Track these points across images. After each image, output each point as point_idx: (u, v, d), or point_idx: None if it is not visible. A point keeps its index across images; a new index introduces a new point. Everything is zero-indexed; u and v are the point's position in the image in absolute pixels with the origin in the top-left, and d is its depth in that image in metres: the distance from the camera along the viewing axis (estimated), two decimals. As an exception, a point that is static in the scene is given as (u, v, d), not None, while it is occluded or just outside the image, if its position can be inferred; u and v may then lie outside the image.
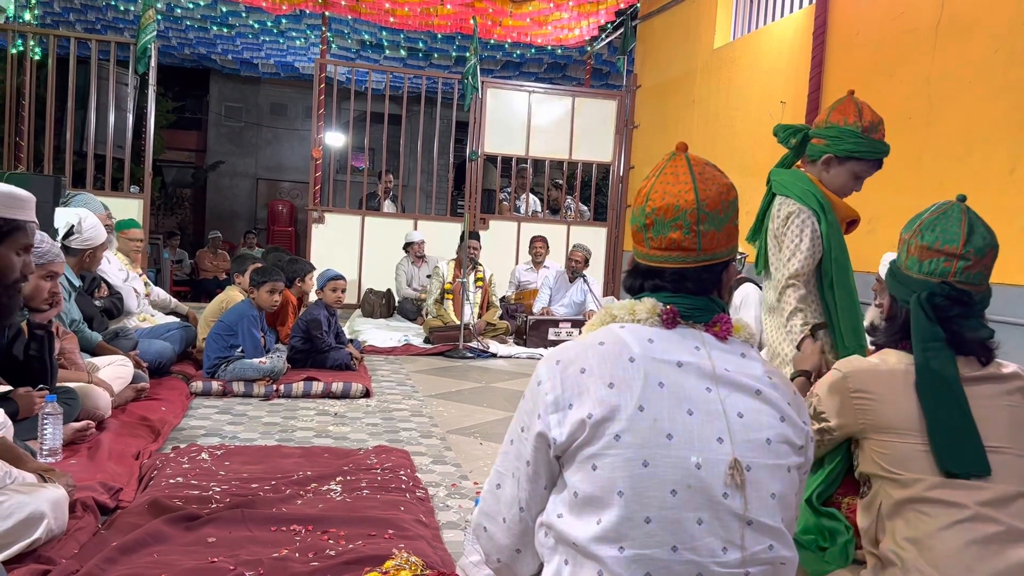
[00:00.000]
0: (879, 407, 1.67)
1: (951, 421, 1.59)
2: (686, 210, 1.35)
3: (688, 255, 1.37)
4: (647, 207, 1.38)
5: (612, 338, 1.34)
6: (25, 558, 2.11)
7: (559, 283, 7.57)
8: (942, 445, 1.58)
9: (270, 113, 17.70)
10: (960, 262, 1.67)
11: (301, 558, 2.24)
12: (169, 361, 4.69)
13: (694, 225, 1.35)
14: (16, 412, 2.84)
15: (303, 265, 5.89)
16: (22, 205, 2.17)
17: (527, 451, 1.35)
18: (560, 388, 1.31)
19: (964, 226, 1.67)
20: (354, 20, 9.92)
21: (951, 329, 1.66)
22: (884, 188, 5.07)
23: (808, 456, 1.37)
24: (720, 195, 1.37)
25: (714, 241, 1.37)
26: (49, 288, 2.77)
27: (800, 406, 1.37)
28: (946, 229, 1.68)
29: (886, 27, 5.27)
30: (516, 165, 9.31)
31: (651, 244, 1.39)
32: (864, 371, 1.71)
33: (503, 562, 1.44)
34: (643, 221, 1.39)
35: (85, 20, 10.99)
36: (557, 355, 1.36)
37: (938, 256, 1.68)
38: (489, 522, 1.43)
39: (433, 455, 3.52)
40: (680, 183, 1.37)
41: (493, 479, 1.43)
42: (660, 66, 8.76)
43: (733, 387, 1.31)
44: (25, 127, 7.83)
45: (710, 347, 1.35)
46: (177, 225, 16.61)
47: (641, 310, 1.37)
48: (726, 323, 1.37)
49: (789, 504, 1.32)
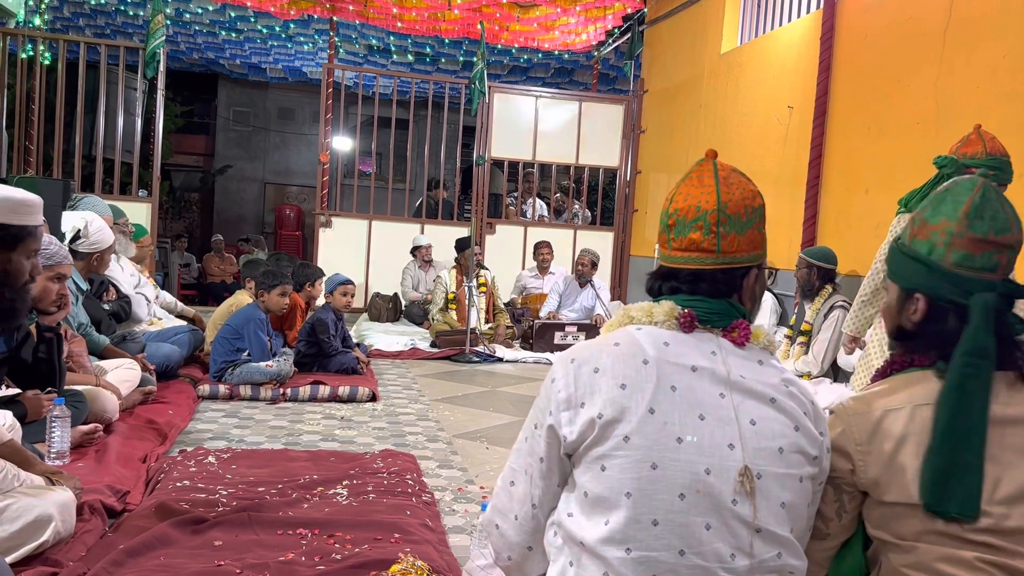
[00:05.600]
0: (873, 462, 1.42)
1: (956, 453, 1.35)
2: (707, 211, 1.36)
3: (707, 256, 1.37)
4: (670, 208, 1.41)
5: (628, 339, 1.34)
6: (32, 560, 2.12)
7: (569, 288, 7.55)
8: (933, 473, 1.35)
9: (278, 118, 17.77)
10: (1010, 252, 1.41)
11: (307, 562, 2.24)
12: (176, 364, 4.70)
13: (714, 226, 1.35)
14: (24, 415, 2.85)
15: (314, 270, 5.92)
16: (30, 210, 2.18)
17: (540, 448, 1.36)
18: (573, 386, 1.32)
19: (1007, 208, 1.42)
20: (362, 25, 9.96)
21: (1001, 336, 1.39)
22: (891, 193, 5.06)
23: (823, 467, 1.35)
24: (744, 200, 1.37)
25: (734, 244, 1.37)
26: (57, 290, 2.78)
27: (818, 417, 1.36)
28: (995, 215, 1.41)
29: (894, 32, 5.26)
30: (523, 169, 9.31)
31: (672, 245, 1.40)
32: (861, 417, 1.45)
33: (514, 560, 1.44)
34: (666, 222, 1.41)
35: (95, 25, 11.06)
36: (572, 354, 1.37)
37: (990, 248, 1.40)
38: (501, 519, 1.43)
39: (439, 459, 3.52)
40: (704, 187, 1.38)
41: (507, 476, 1.44)
42: (667, 71, 8.76)
43: (747, 394, 1.31)
44: (35, 131, 7.87)
45: (727, 353, 1.34)
46: (185, 229, 16.67)
47: (659, 313, 1.37)
48: (744, 329, 1.37)
49: (800, 514, 1.31)
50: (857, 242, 5.35)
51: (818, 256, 4.83)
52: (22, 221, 2.15)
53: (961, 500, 1.34)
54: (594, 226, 9.59)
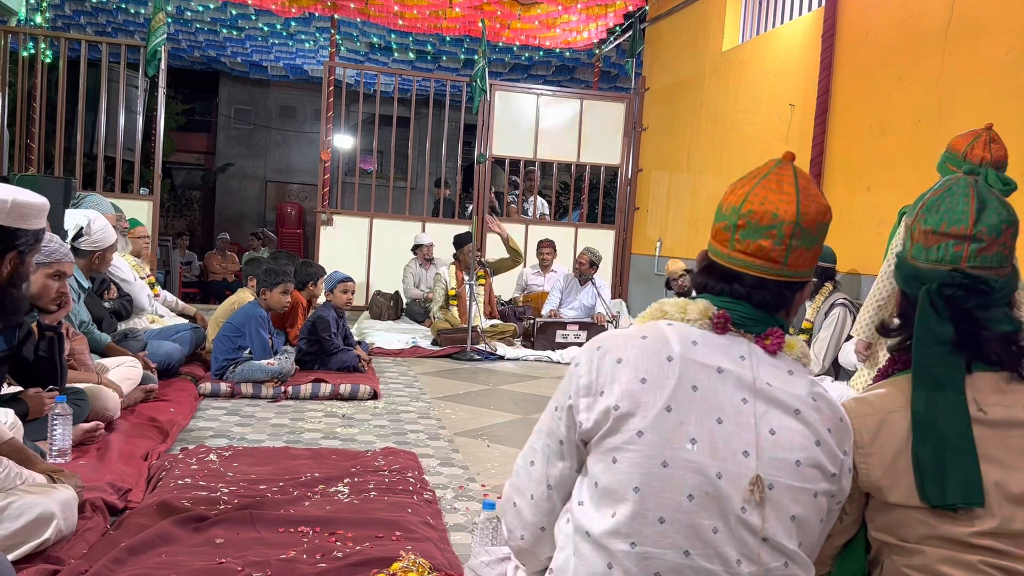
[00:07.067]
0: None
1: (941, 442, 1.34)
2: (783, 221, 1.31)
3: (772, 266, 1.33)
4: (743, 207, 1.34)
5: (656, 334, 1.33)
6: (35, 558, 2.12)
7: (569, 286, 7.55)
8: (927, 469, 1.34)
9: (279, 116, 17.77)
10: (972, 244, 1.41)
11: (308, 559, 2.25)
12: (178, 362, 4.71)
13: (787, 238, 1.31)
14: (26, 413, 2.85)
15: (316, 268, 5.93)
16: (38, 213, 2.19)
17: (560, 430, 1.36)
18: (595, 373, 1.31)
19: (973, 202, 1.42)
20: (363, 23, 9.95)
21: (967, 327, 1.39)
22: (893, 191, 5.05)
23: (843, 486, 1.32)
24: (819, 215, 1.34)
25: (801, 259, 1.34)
26: (57, 288, 2.78)
27: (843, 434, 1.32)
28: (952, 208, 1.43)
29: (895, 29, 5.25)
30: (524, 167, 9.31)
31: (736, 246, 1.34)
32: (862, 418, 1.43)
33: (526, 539, 1.43)
34: (735, 221, 1.34)
35: (96, 23, 11.06)
36: (599, 341, 1.36)
37: (946, 240, 1.42)
38: (519, 497, 1.44)
39: (441, 457, 3.52)
40: (783, 193, 1.33)
41: (527, 455, 1.44)
42: (668, 69, 8.75)
43: (771, 403, 1.28)
44: (36, 129, 7.88)
45: (757, 359, 1.31)
46: (186, 227, 16.68)
47: (693, 310, 1.35)
48: (778, 337, 1.33)
49: (811, 530, 1.29)
50: (859, 240, 5.35)
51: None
52: (29, 225, 2.15)
53: (962, 488, 1.31)
54: (595, 224, 9.59)
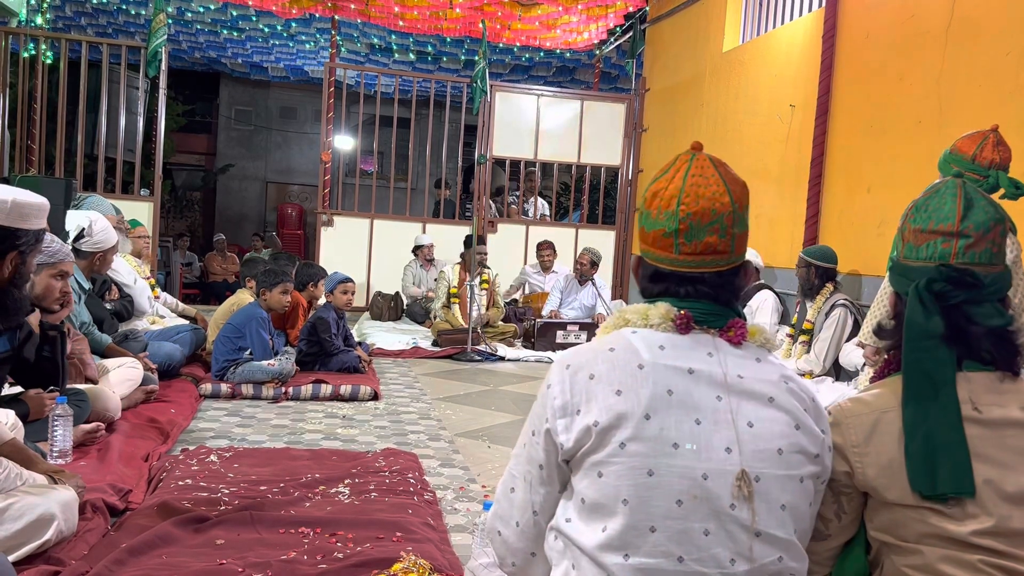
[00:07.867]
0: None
1: (932, 435, 1.35)
2: (723, 213, 1.32)
3: (722, 258, 1.34)
4: (680, 211, 1.32)
5: (623, 344, 1.32)
6: (35, 559, 2.12)
7: (569, 286, 7.56)
8: (917, 460, 1.35)
9: (280, 117, 17.78)
10: (960, 240, 1.43)
11: (309, 560, 2.25)
12: (178, 363, 4.71)
13: (730, 228, 1.33)
14: (27, 414, 2.85)
15: (317, 269, 5.93)
16: (38, 213, 2.19)
17: (539, 455, 1.34)
18: (569, 394, 1.30)
19: (960, 201, 1.45)
20: (363, 24, 9.96)
21: (956, 322, 1.41)
22: (893, 191, 5.05)
23: (826, 464, 1.33)
24: (745, 193, 1.35)
25: (741, 242, 1.35)
26: (60, 288, 2.78)
27: (818, 414, 1.34)
28: (939, 207, 1.47)
29: (896, 30, 5.25)
30: (524, 168, 9.31)
31: (684, 249, 1.34)
32: (857, 418, 1.44)
33: (518, 565, 1.43)
34: (675, 226, 1.33)
35: (96, 24, 11.07)
36: (568, 359, 1.35)
37: (934, 237, 1.45)
38: (503, 526, 1.42)
39: (441, 458, 3.52)
40: (712, 185, 1.33)
41: (507, 482, 1.42)
42: (669, 69, 8.75)
43: (745, 395, 1.28)
44: (36, 130, 7.88)
45: (724, 353, 1.32)
46: (187, 228, 16.69)
47: (655, 315, 1.34)
48: (740, 328, 1.34)
49: (802, 515, 1.30)
50: (859, 241, 5.35)
51: (817, 255, 4.83)
52: (28, 225, 2.16)
53: (952, 478, 1.32)
54: (596, 225, 9.59)
